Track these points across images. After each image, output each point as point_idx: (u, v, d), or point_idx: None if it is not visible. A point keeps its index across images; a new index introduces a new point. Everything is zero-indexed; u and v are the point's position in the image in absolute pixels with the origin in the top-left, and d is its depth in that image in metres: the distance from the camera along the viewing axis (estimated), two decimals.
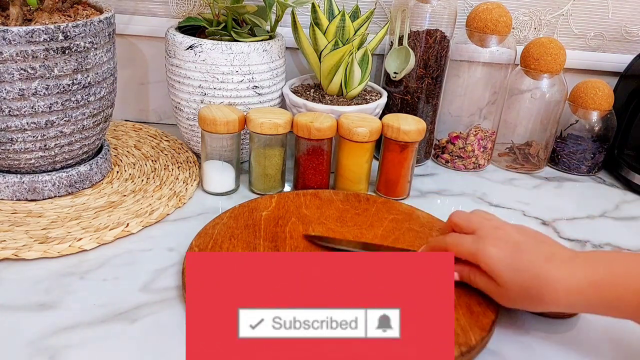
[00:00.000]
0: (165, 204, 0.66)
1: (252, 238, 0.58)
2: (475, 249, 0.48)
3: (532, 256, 0.46)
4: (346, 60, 0.71)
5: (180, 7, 0.85)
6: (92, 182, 0.68)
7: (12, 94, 0.57)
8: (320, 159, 0.69)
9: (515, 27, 0.88)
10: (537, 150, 0.86)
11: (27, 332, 0.46)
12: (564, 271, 0.44)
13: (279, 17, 0.74)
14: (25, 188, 0.64)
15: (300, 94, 0.76)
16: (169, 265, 0.56)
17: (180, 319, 0.49)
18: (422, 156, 0.85)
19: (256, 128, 0.66)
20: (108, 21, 0.63)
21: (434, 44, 0.77)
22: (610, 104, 0.82)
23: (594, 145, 0.84)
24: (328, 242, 0.58)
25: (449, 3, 0.76)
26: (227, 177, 0.70)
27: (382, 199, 0.69)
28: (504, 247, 0.47)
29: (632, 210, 0.77)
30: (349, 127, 0.67)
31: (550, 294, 0.44)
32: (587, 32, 0.89)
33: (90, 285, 0.52)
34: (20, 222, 0.60)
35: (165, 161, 0.77)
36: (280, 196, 0.67)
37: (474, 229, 0.50)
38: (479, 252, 0.48)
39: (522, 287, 0.45)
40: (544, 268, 0.45)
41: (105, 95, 0.65)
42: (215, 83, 0.70)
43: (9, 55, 0.55)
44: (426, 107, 0.81)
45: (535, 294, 0.45)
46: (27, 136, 0.60)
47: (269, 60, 0.72)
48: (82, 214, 0.62)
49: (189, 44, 0.69)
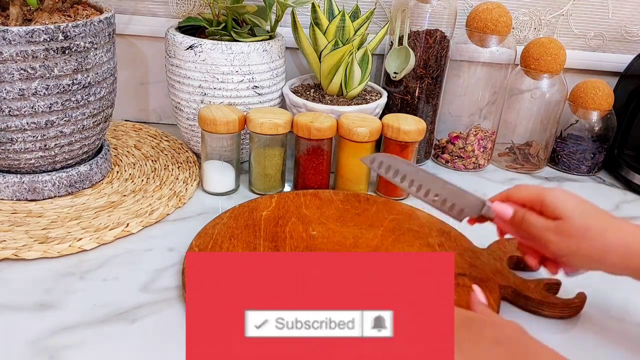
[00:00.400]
0: (165, 204, 0.66)
1: (252, 238, 0.58)
2: (542, 189, 0.49)
3: (599, 210, 0.47)
4: (346, 60, 0.71)
5: (180, 7, 0.85)
6: (92, 182, 0.68)
7: (12, 94, 0.57)
8: (320, 159, 0.69)
9: (515, 27, 0.88)
10: (537, 150, 0.86)
11: (27, 332, 0.46)
12: (628, 228, 0.45)
13: (279, 17, 0.74)
14: (25, 188, 0.64)
15: (300, 94, 0.76)
16: (169, 265, 0.56)
17: (180, 319, 0.49)
18: (422, 156, 0.85)
19: (256, 128, 0.66)
20: (108, 21, 0.63)
21: (434, 44, 0.77)
22: (610, 104, 0.82)
23: (594, 145, 0.84)
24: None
25: (449, 3, 0.76)
26: (227, 177, 0.70)
27: (382, 199, 0.69)
28: (572, 194, 0.48)
29: (632, 210, 0.77)
30: (349, 127, 0.67)
31: (613, 237, 0.45)
32: (587, 32, 0.89)
33: (90, 285, 0.52)
34: (20, 222, 0.60)
35: (165, 161, 0.77)
36: (281, 196, 0.67)
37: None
38: (545, 191, 0.48)
39: (585, 226, 0.45)
40: (610, 218, 0.46)
41: (105, 95, 0.65)
42: (215, 83, 0.70)
43: (9, 55, 0.55)
44: (426, 107, 0.81)
45: (596, 235, 0.45)
46: (27, 136, 0.60)
47: (269, 60, 0.72)
48: (82, 214, 0.62)
49: (189, 44, 0.69)
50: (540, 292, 0.53)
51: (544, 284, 0.54)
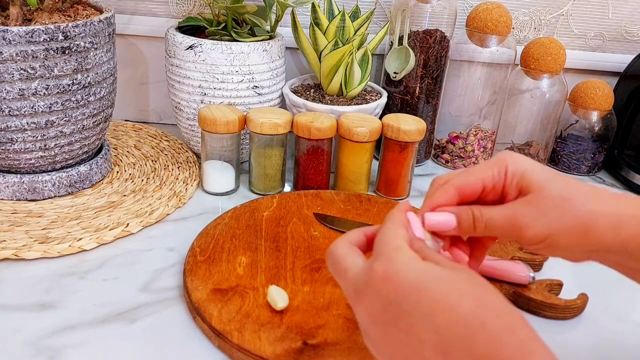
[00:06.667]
0: (165, 204, 0.65)
1: (253, 238, 0.58)
2: (495, 159, 0.37)
3: (566, 176, 0.37)
4: (346, 60, 0.71)
5: (180, 7, 0.85)
6: (92, 182, 0.68)
7: (12, 94, 0.57)
8: (320, 159, 0.69)
9: (515, 27, 0.88)
10: (537, 150, 0.86)
11: (27, 332, 0.46)
12: (608, 194, 0.36)
13: (279, 17, 0.74)
14: (25, 188, 0.63)
15: (300, 94, 0.76)
16: (169, 265, 0.56)
17: (180, 319, 0.49)
18: (422, 156, 0.85)
19: (256, 128, 0.66)
20: (108, 21, 0.63)
21: (433, 44, 0.77)
22: (610, 104, 0.82)
23: (594, 145, 0.84)
24: (334, 224, 0.61)
25: (449, 3, 0.76)
26: (227, 177, 0.70)
27: (383, 199, 0.69)
28: (529, 158, 0.37)
29: None
30: (349, 127, 0.67)
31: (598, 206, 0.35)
32: (587, 32, 0.89)
33: (90, 285, 0.52)
34: (20, 222, 0.60)
35: (165, 161, 0.76)
36: (282, 196, 0.67)
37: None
38: (500, 157, 0.37)
39: (563, 196, 0.35)
40: (583, 184, 0.36)
41: (105, 95, 0.65)
42: (215, 83, 0.70)
43: (9, 55, 0.55)
44: (426, 107, 0.81)
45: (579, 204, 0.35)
46: (27, 136, 0.60)
47: (269, 60, 0.72)
48: (82, 214, 0.62)
49: (189, 44, 0.69)
50: (541, 293, 0.53)
51: (545, 285, 0.54)
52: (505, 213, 0.36)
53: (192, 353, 0.45)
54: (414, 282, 0.30)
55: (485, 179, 0.37)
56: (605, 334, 0.51)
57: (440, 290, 0.29)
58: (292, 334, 0.45)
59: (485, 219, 0.36)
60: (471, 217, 0.36)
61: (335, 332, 0.46)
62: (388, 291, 0.30)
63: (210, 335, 0.46)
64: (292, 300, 0.49)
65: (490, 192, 0.37)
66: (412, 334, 0.29)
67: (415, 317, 0.29)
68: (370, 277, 0.31)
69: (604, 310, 0.54)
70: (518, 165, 0.36)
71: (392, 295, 0.30)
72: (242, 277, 0.52)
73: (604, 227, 0.35)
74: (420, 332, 0.29)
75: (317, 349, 0.44)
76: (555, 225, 0.35)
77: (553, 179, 0.36)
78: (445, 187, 0.37)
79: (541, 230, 0.35)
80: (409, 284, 0.30)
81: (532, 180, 0.36)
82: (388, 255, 0.32)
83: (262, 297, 0.49)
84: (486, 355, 0.27)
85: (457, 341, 0.28)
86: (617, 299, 0.56)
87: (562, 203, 0.35)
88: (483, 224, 0.36)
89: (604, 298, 0.55)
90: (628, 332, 0.52)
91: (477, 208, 0.36)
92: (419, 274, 0.30)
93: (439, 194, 0.37)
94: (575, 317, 0.53)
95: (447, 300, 0.29)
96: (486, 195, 0.38)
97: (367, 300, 0.31)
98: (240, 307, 0.48)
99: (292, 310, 0.48)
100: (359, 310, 0.32)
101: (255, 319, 0.46)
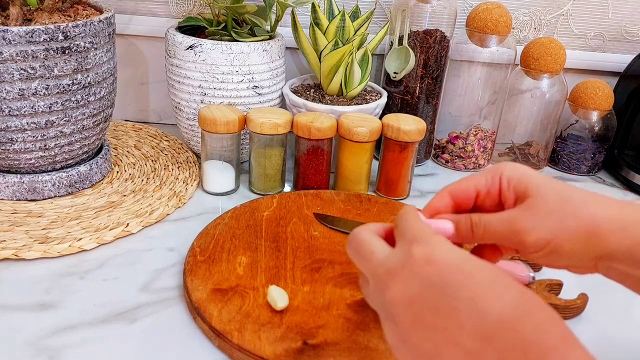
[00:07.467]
0: (165, 204, 0.65)
1: (253, 238, 0.58)
2: (491, 167, 0.39)
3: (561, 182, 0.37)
4: (346, 60, 0.71)
5: (180, 7, 0.85)
6: (92, 182, 0.68)
7: (12, 94, 0.57)
8: (320, 159, 0.69)
9: (515, 27, 0.88)
10: (537, 150, 0.86)
11: (27, 332, 0.46)
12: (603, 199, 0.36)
13: (279, 17, 0.74)
14: (25, 188, 0.63)
15: (300, 94, 0.76)
16: (169, 265, 0.56)
17: (180, 319, 0.49)
18: (422, 156, 0.85)
19: (256, 128, 0.66)
20: (108, 21, 0.63)
21: (433, 44, 0.77)
22: (610, 104, 0.82)
23: (594, 145, 0.84)
24: (334, 224, 0.61)
25: (449, 3, 0.76)
26: (227, 177, 0.70)
27: (383, 199, 0.69)
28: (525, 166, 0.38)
29: None
30: (349, 127, 0.67)
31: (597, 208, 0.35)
32: (587, 32, 0.89)
33: (90, 285, 0.52)
34: (20, 222, 0.60)
35: (165, 161, 0.76)
36: (282, 196, 0.67)
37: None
38: (495, 165, 0.38)
39: (562, 198, 0.35)
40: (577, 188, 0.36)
41: (105, 95, 0.65)
42: (215, 83, 0.70)
43: (9, 55, 0.55)
44: (426, 107, 0.81)
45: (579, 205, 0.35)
46: (27, 136, 0.60)
47: (269, 60, 0.72)
48: (82, 214, 0.62)
49: (189, 44, 0.69)
50: (541, 293, 0.53)
51: (545, 285, 0.54)
52: (504, 218, 0.36)
53: (192, 353, 0.45)
54: (458, 266, 0.30)
55: (478, 184, 0.38)
56: (605, 334, 0.51)
57: (484, 277, 0.29)
58: (292, 334, 0.45)
59: (484, 224, 0.37)
60: (469, 222, 0.37)
61: (335, 332, 0.46)
62: (429, 274, 0.30)
63: (210, 335, 0.46)
64: (292, 300, 0.49)
65: (486, 198, 0.38)
66: (452, 317, 0.29)
67: (459, 301, 0.29)
68: (408, 260, 0.31)
69: (604, 310, 0.54)
70: (513, 171, 0.37)
71: (434, 277, 0.30)
72: (242, 277, 0.52)
73: (608, 231, 0.35)
74: (461, 316, 0.28)
75: (317, 349, 0.44)
76: (557, 228, 0.35)
77: (549, 182, 0.36)
78: (440, 193, 0.39)
79: (543, 234, 0.35)
80: (453, 267, 0.30)
81: (528, 185, 0.36)
82: (428, 240, 0.32)
83: (262, 297, 0.49)
84: (533, 340, 0.27)
85: (503, 325, 0.28)
86: (617, 299, 0.56)
87: (561, 204, 0.35)
88: (481, 229, 0.37)
89: (604, 298, 0.55)
90: (628, 332, 0.52)
91: (475, 214, 0.37)
92: (461, 260, 0.30)
93: (434, 199, 0.39)
94: (575, 317, 0.53)
95: (493, 287, 0.29)
96: (483, 202, 0.38)
97: (403, 283, 0.31)
98: (240, 307, 0.48)
99: (292, 310, 0.48)
100: (389, 294, 0.31)
101: (255, 319, 0.46)
